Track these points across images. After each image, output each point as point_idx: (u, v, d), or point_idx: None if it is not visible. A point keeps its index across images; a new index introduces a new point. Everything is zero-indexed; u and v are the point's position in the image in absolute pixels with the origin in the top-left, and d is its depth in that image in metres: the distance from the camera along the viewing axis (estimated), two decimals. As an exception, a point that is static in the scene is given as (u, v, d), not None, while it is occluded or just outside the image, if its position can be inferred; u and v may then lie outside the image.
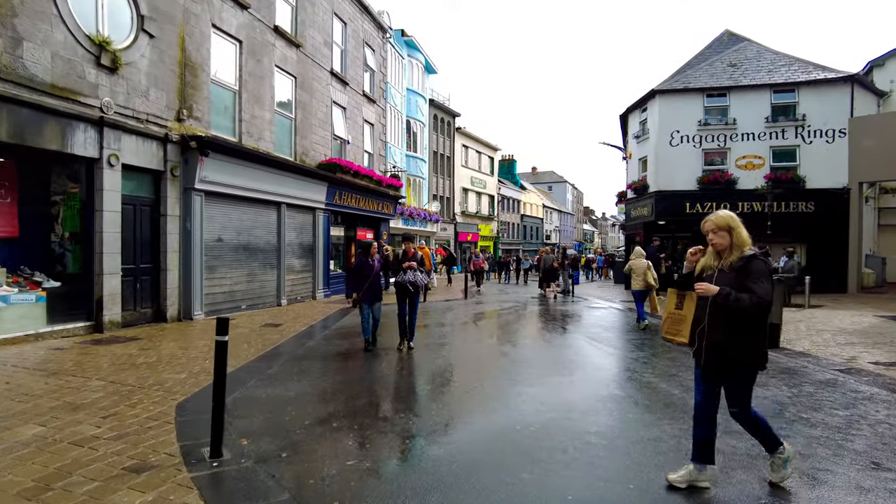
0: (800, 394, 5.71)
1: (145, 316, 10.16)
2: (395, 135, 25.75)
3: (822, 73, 20.17)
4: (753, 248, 3.22)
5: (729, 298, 3.05)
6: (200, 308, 11.09)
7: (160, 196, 10.47)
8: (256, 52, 13.28)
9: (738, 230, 3.24)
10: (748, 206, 20.14)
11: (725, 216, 3.27)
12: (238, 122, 12.76)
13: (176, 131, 10.58)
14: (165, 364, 6.73)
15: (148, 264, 10.25)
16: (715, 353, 3.22)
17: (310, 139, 15.82)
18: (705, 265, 3.35)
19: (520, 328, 11.52)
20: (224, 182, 11.68)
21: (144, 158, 9.92)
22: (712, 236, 3.29)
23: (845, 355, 7.85)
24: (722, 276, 3.22)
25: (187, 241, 10.85)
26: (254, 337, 8.99)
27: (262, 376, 6.31)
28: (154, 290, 10.38)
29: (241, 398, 5.38)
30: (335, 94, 17.39)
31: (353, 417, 4.82)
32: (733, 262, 3.18)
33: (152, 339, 8.56)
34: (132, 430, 4.21)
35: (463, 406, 5.29)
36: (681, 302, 3.50)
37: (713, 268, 3.31)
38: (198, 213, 11.03)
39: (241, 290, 12.59)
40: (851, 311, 13.43)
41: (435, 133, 34.39)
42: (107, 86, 9.09)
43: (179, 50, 10.78)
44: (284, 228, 14.14)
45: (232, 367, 6.64)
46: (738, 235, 3.22)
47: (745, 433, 3.62)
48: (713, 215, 3.33)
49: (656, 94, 21.71)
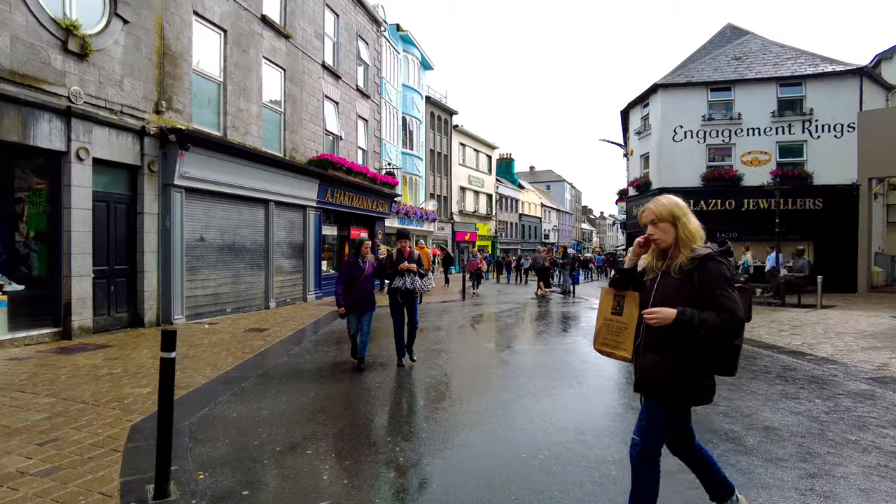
0: (837, 408, 5.08)
1: (120, 321, 9.49)
2: (391, 131, 25.10)
3: (829, 65, 19.58)
4: (709, 243, 2.44)
5: (692, 323, 2.25)
6: (181, 312, 10.44)
7: (137, 193, 9.81)
8: (242, 42, 12.63)
9: (684, 220, 2.43)
10: (754, 203, 19.58)
11: (667, 202, 2.49)
12: (223, 115, 12.11)
13: (154, 124, 9.92)
14: (131, 376, 6.08)
15: (123, 265, 9.59)
16: (649, 379, 2.47)
17: (300, 134, 15.16)
18: (647, 267, 2.55)
19: (520, 332, 10.89)
20: (207, 178, 11.02)
21: (119, 152, 9.26)
22: (651, 230, 2.49)
23: (874, 362, 7.25)
24: (666, 282, 2.42)
25: (166, 240, 10.19)
26: (234, 344, 8.34)
27: (236, 390, 5.66)
28: (130, 294, 9.71)
29: (208, 417, 4.74)
30: (327, 87, 16.74)
31: (332, 442, 4.18)
32: (682, 265, 2.38)
33: (124, 346, 7.90)
34: (68, 463, 3.56)
35: (461, 427, 4.64)
36: (619, 305, 2.65)
37: (655, 270, 2.51)
38: (178, 211, 10.37)
39: (225, 293, 11.93)
40: (866, 312, 12.83)
41: (432, 131, 33.73)
42: (75, 74, 8.44)
43: (158, 37, 10.12)
44: (273, 227, 13.48)
45: (206, 379, 6.04)
46: (684, 227, 2.41)
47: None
48: (651, 202, 2.54)
49: (659, 88, 21.11)
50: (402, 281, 6.84)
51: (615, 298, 2.69)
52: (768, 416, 4.84)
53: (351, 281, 6.69)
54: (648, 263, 2.55)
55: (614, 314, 2.68)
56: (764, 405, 5.19)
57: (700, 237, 2.43)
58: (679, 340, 2.36)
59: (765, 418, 4.76)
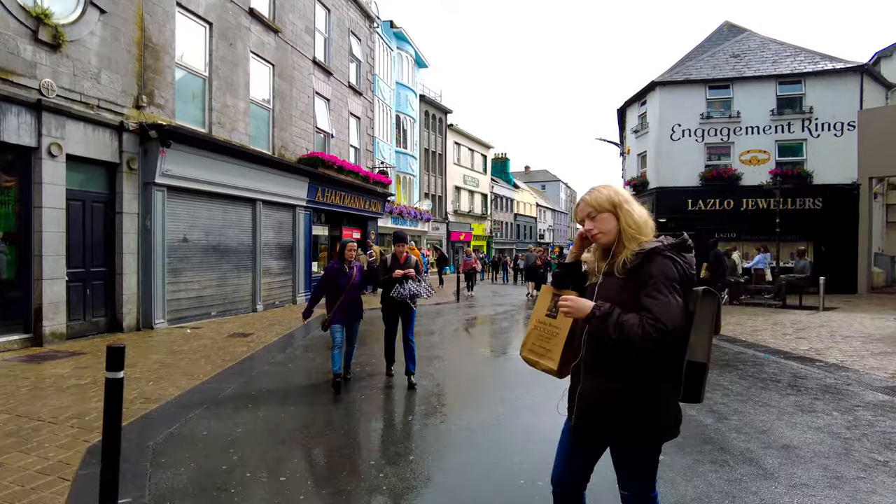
0: (858, 423, 4.72)
1: (97, 326, 9.05)
2: (384, 130, 24.67)
3: (829, 63, 19.31)
4: (662, 237, 1.98)
5: (606, 322, 1.84)
6: (163, 316, 9.99)
7: (115, 191, 9.35)
8: (229, 35, 12.18)
9: (626, 208, 1.98)
10: (753, 202, 19.28)
11: (604, 190, 2.05)
12: (208, 111, 11.66)
13: (133, 119, 9.48)
14: (99, 387, 5.65)
15: (101, 268, 9.14)
16: (591, 406, 1.98)
17: (289, 132, 14.72)
18: (590, 269, 2.12)
19: (516, 336, 10.50)
20: (190, 176, 10.58)
21: (95, 149, 8.81)
22: (589, 224, 2.03)
23: (887, 369, 6.90)
24: (607, 283, 1.97)
25: (147, 241, 9.74)
26: (216, 350, 7.91)
27: (210, 403, 5.24)
28: (108, 297, 9.26)
29: (175, 436, 4.32)
30: (318, 84, 16.30)
31: (310, 466, 3.78)
32: (626, 261, 1.92)
33: (98, 353, 7.46)
34: (4, 496, 3.14)
35: (453, 448, 4.24)
36: (556, 307, 2.14)
37: (598, 273, 2.05)
38: (159, 211, 9.92)
39: (210, 296, 11.48)
40: (870, 314, 12.52)
41: (426, 130, 33.33)
42: (48, 65, 7.99)
43: (138, 29, 9.67)
44: (260, 227, 13.03)
45: (179, 391, 5.62)
46: (627, 217, 1.97)
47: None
48: (587, 192, 2.10)
49: (656, 86, 20.78)
50: (398, 291, 5.93)
51: (553, 298, 2.19)
52: (786, 431, 4.47)
53: (337, 290, 5.88)
54: (591, 266, 2.11)
55: (548, 316, 2.20)
56: (779, 419, 4.82)
57: (649, 229, 1.99)
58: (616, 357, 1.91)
59: (782, 435, 4.39)
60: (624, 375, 1.91)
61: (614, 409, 1.92)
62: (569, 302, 1.94)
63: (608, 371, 1.94)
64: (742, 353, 8.14)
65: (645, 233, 1.96)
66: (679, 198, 19.94)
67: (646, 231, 1.97)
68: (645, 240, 1.94)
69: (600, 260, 2.06)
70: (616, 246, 1.98)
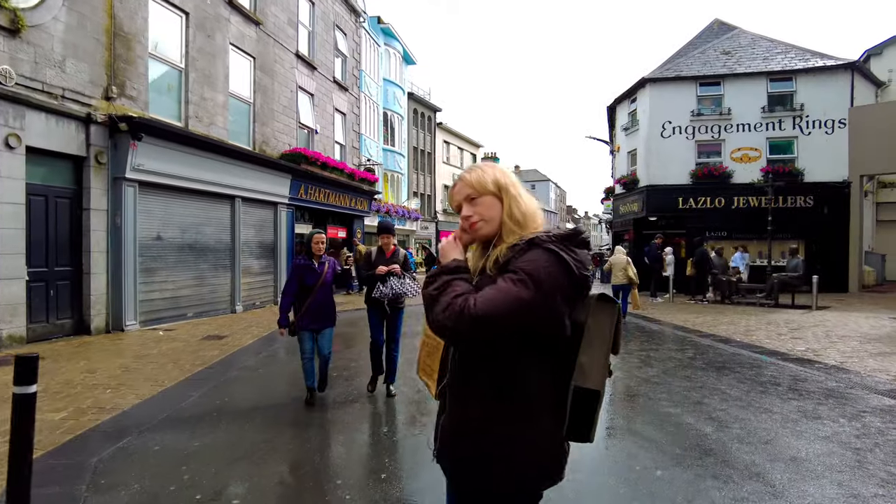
0: (867, 431, 4.40)
1: (62, 328, 8.56)
2: (371, 126, 24.22)
3: (820, 60, 19.13)
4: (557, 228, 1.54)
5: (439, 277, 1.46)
6: (134, 317, 9.52)
7: (82, 186, 8.87)
8: (207, 26, 11.71)
9: (514, 193, 1.54)
10: (744, 200, 19.06)
11: (491, 170, 1.58)
12: (184, 104, 11.19)
13: (102, 111, 9.00)
14: (50, 396, 5.21)
15: (66, 267, 8.65)
16: (446, 441, 1.52)
17: (271, 127, 14.26)
18: (474, 265, 1.59)
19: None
20: (165, 171, 10.11)
21: (59, 141, 8.33)
22: (468, 210, 1.55)
23: (889, 371, 6.63)
24: (482, 285, 1.43)
25: (117, 239, 9.26)
26: (187, 353, 7.47)
27: (170, 412, 4.83)
28: (75, 298, 8.78)
29: (124, 451, 3.90)
30: (301, 78, 15.84)
31: (269, 489, 3.38)
32: (499, 257, 1.47)
33: (59, 358, 6.99)
34: None
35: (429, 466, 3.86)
36: None
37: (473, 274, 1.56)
38: (130, 207, 9.44)
39: (186, 296, 11.00)
40: (864, 314, 12.30)
41: (415, 128, 32.91)
42: (5, 51, 7.50)
43: (107, 16, 9.19)
44: (240, 225, 12.57)
45: (138, 399, 5.19)
46: (514, 204, 1.53)
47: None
48: (466, 170, 1.61)
49: (647, 82, 20.50)
50: (379, 290, 5.19)
51: None
52: (792, 441, 4.13)
53: (304, 289, 5.08)
54: (473, 266, 1.58)
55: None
56: (783, 427, 4.49)
57: (537, 225, 1.53)
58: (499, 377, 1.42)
59: (788, 445, 4.05)
60: (484, 401, 1.43)
61: (468, 446, 1.44)
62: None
63: (467, 395, 1.46)
64: (738, 354, 7.84)
65: (529, 228, 1.51)
66: (669, 196, 19.67)
67: (530, 226, 1.51)
68: (528, 231, 1.49)
69: (479, 258, 1.58)
70: (497, 240, 1.53)
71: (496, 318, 1.30)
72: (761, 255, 18.04)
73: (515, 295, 1.32)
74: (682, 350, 8.22)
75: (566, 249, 1.39)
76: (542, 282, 1.33)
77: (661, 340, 9.19)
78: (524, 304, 1.31)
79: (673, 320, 11.62)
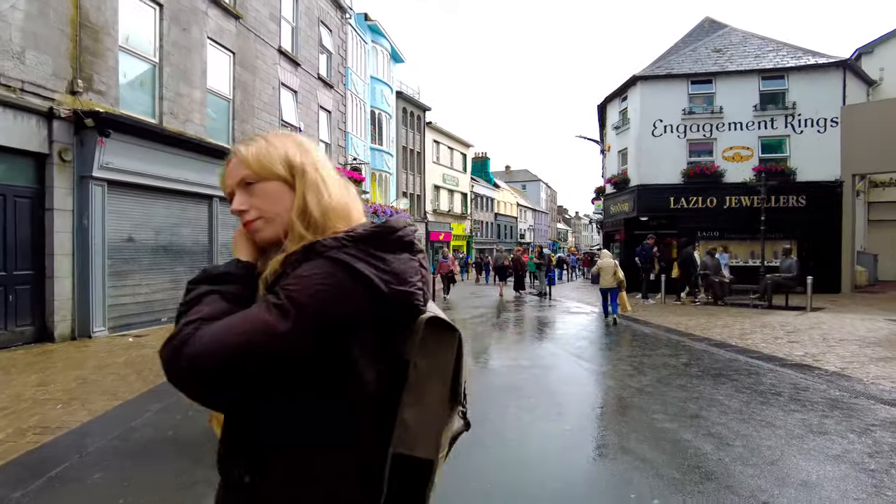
0: (879, 448, 4.05)
1: (22, 335, 8.07)
2: (358, 125, 23.77)
3: (812, 58, 18.96)
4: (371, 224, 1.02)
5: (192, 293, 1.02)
6: (103, 323, 9.04)
7: (45, 186, 8.39)
8: (182, 19, 11.24)
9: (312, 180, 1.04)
10: (736, 200, 18.84)
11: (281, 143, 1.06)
12: (158, 99, 10.71)
13: (67, 106, 8.52)
14: (-7, 413, 4.76)
15: (27, 271, 8.17)
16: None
17: (252, 124, 13.80)
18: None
19: (491, 342, 9.79)
20: (136, 170, 9.64)
21: (18, 137, 7.84)
22: (241, 201, 1.05)
23: (893, 377, 6.32)
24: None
25: (84, 241, 8.78)
26: (152, 362, 7.00)
27: (120, 431, 4.39)
28: (36, 304, 8.29)
29: (55, 482, 3.46)
30: (284, 75, 15.39)
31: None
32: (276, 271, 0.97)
33: (11, 369, 6.51)
34: None
35: None
36: None
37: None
38: (98, 207, 8.97)
39: (161, 300, 10.52)
40: (859, 315, 12.05)
41: (404, 127, 32.49)
42: (-43, 41, 7.03)
43: (72, 6, 8.70)
44: (218, 226, 12.10)
45: (90, 416, 4.75)
46: (310, 196, 1.02)
47: None
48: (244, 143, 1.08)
49: (638, 80, 20.24)
50: None
51: None
52: (800, 462, 3.78)
53: None
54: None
55: None
56: (788, 444, 4.14)
57: (348, 223, 1.04)
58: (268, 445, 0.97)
59: (797, 466, 3.70)
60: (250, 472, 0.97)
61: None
62: None
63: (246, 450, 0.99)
64: (734, 359, 7.51)
65: (333, 224, 1.03)
66: (661, 195, 19.41)
67: (334, 227, 1.02)
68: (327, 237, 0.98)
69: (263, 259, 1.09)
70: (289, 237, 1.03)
71: (219, 363, 0.87)
72: (754, 255, 17.83)
73: (261, 328, 0.87)
74: (675, 356, 7.88)
75: (367, 257, 0.93)
76: (303, 306, 0.88)
77: (654, 345, 8.85)
78: (269, 342, 0.87)
79: (665, 323, 11.30)
